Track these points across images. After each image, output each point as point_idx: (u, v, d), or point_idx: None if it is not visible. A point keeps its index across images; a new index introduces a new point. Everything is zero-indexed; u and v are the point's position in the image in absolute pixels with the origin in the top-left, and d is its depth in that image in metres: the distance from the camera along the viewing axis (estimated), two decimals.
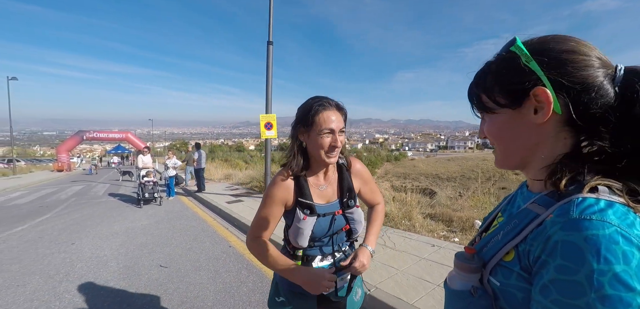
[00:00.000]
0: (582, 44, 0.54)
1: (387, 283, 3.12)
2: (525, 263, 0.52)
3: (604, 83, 0.51)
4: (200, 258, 4.25)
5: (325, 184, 1.28)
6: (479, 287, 0.59)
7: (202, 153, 10.31)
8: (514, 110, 0.57)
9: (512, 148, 0.61)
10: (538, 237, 0.50)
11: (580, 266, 0.42)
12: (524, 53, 0.54)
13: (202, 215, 7.09)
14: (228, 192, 9.45)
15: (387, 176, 25.95)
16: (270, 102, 8.24)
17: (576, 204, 0.47)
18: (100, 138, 34.62)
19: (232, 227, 5.89)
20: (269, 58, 8.04)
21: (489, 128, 0.63)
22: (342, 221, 1.27)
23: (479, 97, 0.63)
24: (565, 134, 0.55)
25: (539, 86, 0.53)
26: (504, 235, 0.59)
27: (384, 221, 5.41)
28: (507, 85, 0.57)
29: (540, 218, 0.52)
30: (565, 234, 0.45)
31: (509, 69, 0.56)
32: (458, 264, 0.63)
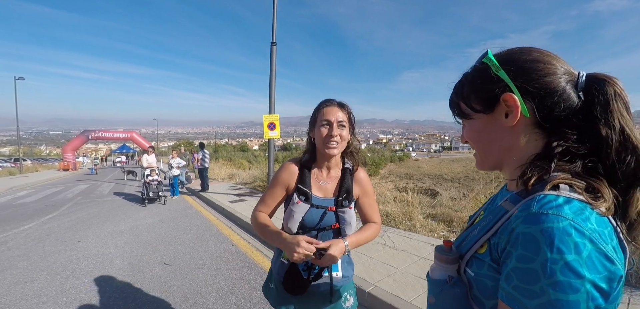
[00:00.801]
0: (546, 54, 0.60)
1: (386, 282, 3.17)
2: (495, 255, 0.57)
3: (566, 89, 0.57)
4: (203, 256, 4.32)
5: (327, 181, 1.35)
6: (454, 276, 0.65)
7: (206, 153, 10.40)
8: (487, 115, 0.64)
9: (489, 150, 0.67)
10: (505, 231, 0.55)
11: (536, 255, 0.47)
12: (494, 63, 0.60)
13: (206, 214, 7.18)
14: (231, 192, 9.53)
15: (391, 177, 25.90)
16: (274, 102, 8.31)
17: (537, 200, 0.52)
18: (106, 138, 35.01)
19: (235, 226, 5.96)
20: (272, 59, 8.11)
21: (468, 132, 0.70)
22: (332, 218, 1.32)
23: (458, 104, 0.70)
24: (535, 136, 0.61)
25: (507, 92, 0.59)
26: (480, 230, 0.64)
27: (384, 220, 5.48)
28: (480, 92, 0.64)
29: (508, 214, 0.58)
30: (525, 227, 0.50)
31: (482, 78, 0.63)
32: (437, 256, 0.69)
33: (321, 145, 1.29)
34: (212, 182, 11.81)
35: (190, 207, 8.09)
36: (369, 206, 1.45)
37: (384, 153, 63.36)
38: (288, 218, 1.31)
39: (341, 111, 1.30)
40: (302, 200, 1.30)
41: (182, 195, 10.17)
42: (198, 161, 10.51)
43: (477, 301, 0.60)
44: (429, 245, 4.24)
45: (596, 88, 0.56)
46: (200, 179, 10.26)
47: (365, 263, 3.66)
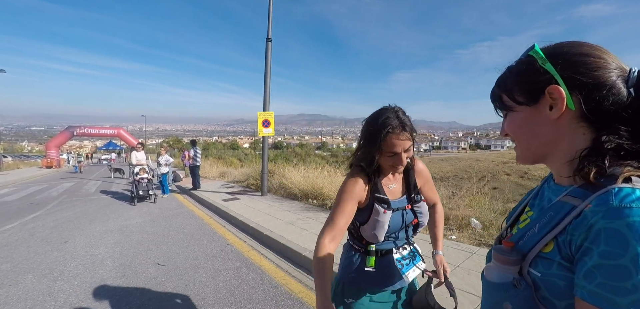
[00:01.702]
0: (596, 48, 0.59)
1: None
2: (566, 253, 0.54)
3: (616, 83, 0.56)
4: (198, 256, 4.20)
5: (394, 183, 1.36)
6: (519, 278, 0.61)
7: (197, 150, 10.21)
8: (531, 107, 0.63)
9: (531, 143, 0.66)
10: (579, 227, 0.52)
11: (625, 251, 0.45)
12: (541, 56, 0.60)
13: (198, 213, 7.03)
14: (224, 190, 9.38)
15: None
16: (269, 100, 8.19)
17: (614, 193, 0.50)
18: (91, 134, 34.13)
19: (229, 225, 5.84)
20: (267, 56, 7.99)
21: (509, 125, 0.68)
22: (410, 216, 1.33)
23: (500, 97, 0.69)
24: (583, 130, 0.59)
25: (553, 84, 0.58)
26: (540, 228, 0.61)
27: None
28: (525, 84, 0.63)
29: (578, 209, 0.54)
30: (607, 222, 0.48)
31: (528, 70, 0.62)
32: (498, 258, 0.65)
33: (388, 168, 1.29)
34: (204, 180, 11.62)
35: (182, 206, 7.92)
36: (430, 190, 1.49)
37: None
38: (375, 228, 1.27)
39: (406, 137, 1.21)
40: (386, 208, 1.28)
41: (173, 193, 9.96)
42: (189, 158, 10.31)
43: (546, 303, 0.57)
44: (423, 241, 4.22)
45: None
46: (192, 177, 10.06)
47: None
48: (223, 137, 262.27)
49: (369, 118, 1.27)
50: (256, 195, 8.43)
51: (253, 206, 6.86)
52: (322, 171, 8.46)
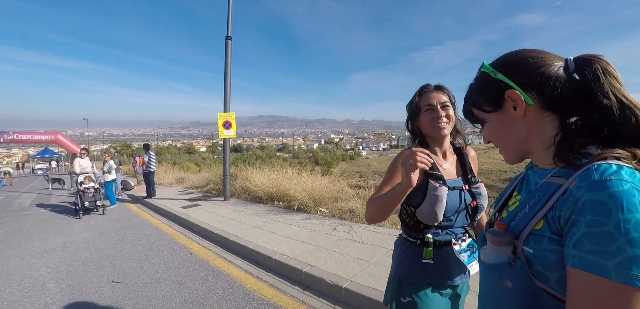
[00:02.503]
0: (533, 50, 0.69)
1: (361, 276, 3.14)
2: (556, 228, 0.60)
3: (558, 73, 0.65)
4: (159, 269, 3.90)
5: (448, 163, 1.32)
6: (517, 257, 0.65)
7: (151, 155, 9.55)
8: (498, 112, 0.72)
9: (509, 143, 0.74)
10: (566, 202, 0.58)
11: (609, 218, 0.50)
12: (491, 70, 0.71)
13: (155, 222, 6.56)
14: (182, 196, 8.87)
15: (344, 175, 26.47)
16: (229, 100, 7.91)
17: (594, 169, 0.56)
18: (23, 141, 30.23)
19: (191, 233, 5.51)
20: (227, 55, 7.71)
21: (488, 133, 0.77)
22: (469, 197, 1.27)
23: (471, 112, 0.79)
24: (549, 119, 0.68)
25: (509, 89, 0.68)
26: (530, 208, 0.67)
27: (349, 216, 5.49)
28: (487, 95, 0.73)
29: (563, 187, 0.61)
30: (591, 194, 0.53)
31: (485, 83, 0.73)
32: (492, 240, 0.69)
33: (430, 130, 1.28)
34: (159, 187, 10.91)
35: (136, 216, 7.34)
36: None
37: (335, 152, 64.50)
38: (433, 205, 1.18)
39: (441, 93, 1.30)
40: (441, 183, 1.21)
41: (124, 203, 9.21)
42: (143, 164, 9.60)
43: (539, 276, 0.62)
44: (394, 237, 4.33)
45: (586, 68, 0.64)
46: (146, 184, 9.38)
47: (337, 259, 3.60)
48: (178, 140, 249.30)
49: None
50: (218, 200, 8.09)
51: (216, 212, 6.56)
52: (286, 172, 8.35)
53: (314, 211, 6.11)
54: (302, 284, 3.30)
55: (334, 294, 3.00)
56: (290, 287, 3.27)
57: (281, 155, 48.63)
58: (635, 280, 0.48)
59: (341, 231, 4.75)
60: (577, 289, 0.54)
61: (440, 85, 1.33)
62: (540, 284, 0.62)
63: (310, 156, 49.49)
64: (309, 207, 6.25)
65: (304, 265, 3.47)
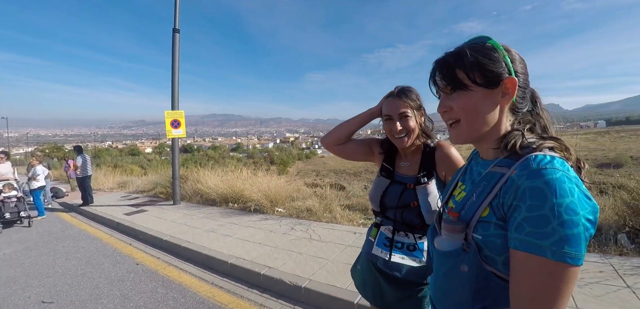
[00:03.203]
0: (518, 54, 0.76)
1: (319, 274, 3.15)
2: (500, 214, 0.65)
3: (529, 85, 0.76)
4: (99, 283, 3.54)
5: (407, 162, 1.37)
6: (469, 243, 0.69)
7: (86, 158, 8.63)
8: (488, 90, 0.71)
9: (479, 122, 0.73)
10: (509, 190, 0.63)
11: (544, 203, 0.56)
12: (501, 48, 0.71)
13: (94, 232, 5.95)
14: (126, 202, 8.17)
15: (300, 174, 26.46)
16: (178, 98, 7.47)
17: (532, 160, 0.62)
18: None
19: (136, 242, 5.09)
20: (175, 49, 7.26)
21: (463, 102, 0.73)
22: (411, 196, 1.28)
23: (454, 72, 0.73)
24: (509, 116, 0.74)
25: (511, 76, 0.70)
26: (477, 197, 0.71)
27: (306, 215, 5.49)
28: (486, 69, 0.70)
29: (506, 176, 0.66)
30: (530, 182, 0.59)
31: (490, 57, 0.70)
32: (447, 228, 0.72)
33: (391, 139, 1.35)
34: (97, 193, 9.94)
35: (70, 226, 6.60)
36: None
37: (291, 152, 64.27)
38: (371, 193, 1.39)
39: (401, 101, 1.30)
40: (384, 175, 1.37)
41: (56, 213, 8.23)
42: (76, 169, 8.65)
43: (489, 261, 0.67)
44: (352, 233, 4.42)
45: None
46: (81, 191, 8.46)
47: (296, 259, 3.58)
48: (119, 141, 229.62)
49: None
50: (167, 204, 7.59)
51: (165, 217, 6.15)
52: (242, 173, 8.10)
53: (270, 212, 6.01)
54: (260, 287, 3.22)
55: (293, 294, 2.97)
56: (247, 291, 3.17)
57: (235, 155, 47.25)
58: (566, 257, 0.54)
59: (299, 230, 4.73)
60: (518, 268, 0.59)
61: (406, 90, 1.33)
62: (489, 268, 0.67)
63: (265, 155, 48.78)
64: (265, 208, 6.13)
65: (262, 267, 3.39)
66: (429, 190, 1.26)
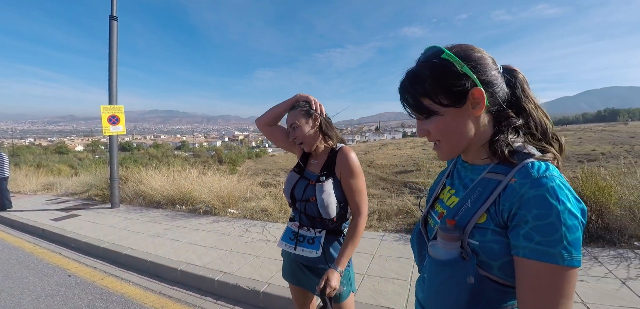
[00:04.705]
0: (482, 50, 0.72)
1: (278, 277, 3.08)
2: (499, 220, 0.65)
3: (499, 78, 0.72)
4: (22, 300, 3.06)
5: (316, 160, 1.53)
6: (467, 251, 0.68)
7: (3, 157, 7.49)
8: (457, 108, 0.70)
9: (459, 139, 0.73)
10: (510, 197, 0.63)
11: (550, 210, 0.57)
12: (457, 60, 0.67)
13: (13, 241, 5.15)
14: (53, 206, 7.24)
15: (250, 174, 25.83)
16: (116, 91, 6.82)
17: (531, 167, 0.63)
18: None
19: (67, 251, 4.52)
20: (112, 38, 6.61)
21: (438, 126, 0.72)
22: (310, 191, 1.43)
23: (420, 101, 0.72)
24: (489, 118, 0.73)
25: (477, 87, 0.67)
26: (473, 203, 0.70)
27: (261, 216, 5.35)
28: (449, 87, 0.68)
29: (503, 183, 0.66)
30: (534, 190, 0.60)
31: (448, 74, 0.68)
32: (444, 236, 0.70)
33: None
34: (17, 197, 8.68)
35: None
36: (348, 190, 1.43)
37: (241, 150, 62.47)
38: (285, 187, 1.56)
39: (293, 113, 1.49)
40: (295, 171, 1.55)
41: None
42: None
43: (484, 266, 0.67)
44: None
45: (512, 76, 0.74)
46: None
47: (252, 262, 3.47)
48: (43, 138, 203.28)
49: None
50: (104, 207, 6.88)
51: (102, 222, 5.56)
52: (190, 173, 7.65)
53: (222, 214, 5.76)
54: (214, 294, 3.05)
55: (251, 300, 2.87)
56: (201, 299, 2.99)
57: (180, 154, 44.67)
58: (575, 261, 0.57)
59: (254, 232, 4.60)
60: (528, 277, 0.60)
61: (299, 103, 1.51)
62: (483, 272, 0.67)
63: (213, 154, 46.77)
64: (217, 209, 5.86)
65: (216, 273, 3.22)
66: (324, 187, 1.41)
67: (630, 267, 2.85)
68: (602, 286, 2.57)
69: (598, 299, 2.41)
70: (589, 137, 22.14)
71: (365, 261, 3.33)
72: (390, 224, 4.64)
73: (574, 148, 17.61)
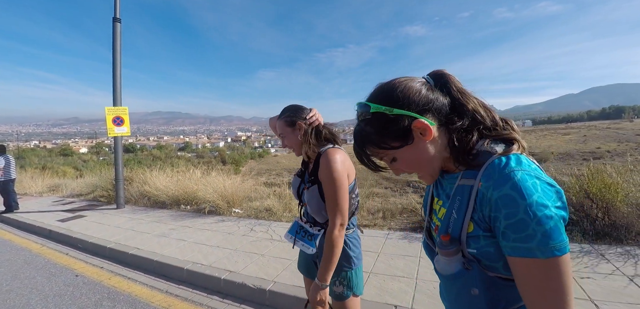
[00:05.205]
0: (405, 79, 0.74)
1: (284, 275, 3.09)
2: (485, 225, 0.66)
3: (431, 94, 0.73)
4: (31, 300, 3.10)
5: (311, 165, 1.54)
6: (470, 260, 0.69)
7: (10, 159, 7.56)
8: (409, 145, 0.72)
9: (426, 166, 0.76)
10: (482, 202, 0.66)
11: (518, 208, 0.58)
12: (384, 109, 0.71)
13: (21, 242, 5.21)
14: (59, 207, 7.30)
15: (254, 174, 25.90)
16: (120, 93, 6.87)
17: (492, 167, 0.65)
18: None
19: (74, 251, 4.56)
20: (116, 39, 6.65)
21: (402, 166, 0.77)
22: (305, 196, 1.53)
23: (377, 156, 0.77)
24: (442, 131, 0.74)
25: (416, 121, 0.70)
26: (457, 212, 0.72)
27: (266, 216, 5.37)
28: (393, 133, 0.72)
29: (474, 188, 0.68)
30: (498, 191, 0.62)
31: (385, 122, 0.72)
32: (445, 253, 0.71)
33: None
34: (23, 198, 8.77)
35: None
36: (325, 194, 1.39)
37: (243, 151, 62.63)
38: (292, 189, 1.68)
39: (279, 122, 1.55)
40: (297, 175, 1.64)
41: None
42: None
43: (490, 269, 0.68)
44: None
45: (443, 82, 0.75)
46: (3, 196, 7.37)
47: (258, 261, 3.48)
48: (47, 140, 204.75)
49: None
50: (110, 208, 6.93)
51: (108, 223, 5.60)
52: (194, 173, 7.69)
53: (227, 213, 5.78)
54: (221, 293, 3.07)
55: (257, 298, 2.88)
56: (207, 298, 3.01)
57: (183, 155, 44.86)
58: (554, 251, 0.57)
59: (259, 231, 4.61)
60: (518, 273, 0.61)
61: (283, 113, 1.55)
62: (493, 274, 0.68)
63: (216, 155, 46.91)
64: (221, 209, 5.88)
65: (222, 272, 3.24)
66: (311, 193, 1.46)
67: (638, 264, 2.83)
68: (610, 284, 2.56)
69: (606, 296, 2.39)
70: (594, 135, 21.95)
71: (370, 260, 3.33)
72: (395, 222, 4.64)
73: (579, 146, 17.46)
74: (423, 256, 3.35)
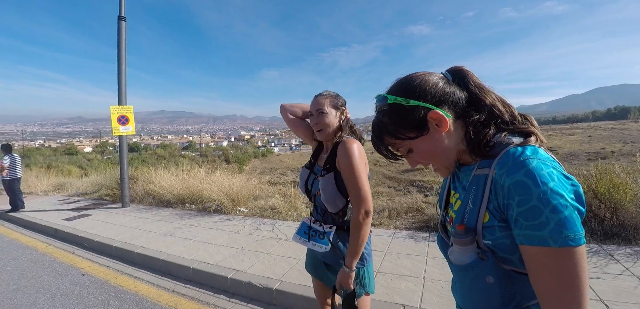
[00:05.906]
0: (423, 73, 0.77)
1: (291, 274, 3.09)
2: (500, 215, 0.66)
3: (449, 87, 0.74)
4: (37, 299, 3.12)
5: (326, 154, 1.54)
6: (485, 250, 0.69)
7: (15, 158, 7.61)
8: (424, 135, 0.74)
9: (442, 158, 0.77)
10: (497, 191, 0.65)
11: (531, 194, 0.57)
12: (401, 100, 0.73)
13: (27, 241, 5.25)
14: (65, 206, 7.35)
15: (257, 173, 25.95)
16: (125, 92, 6.89)
17: (507, 155, 0.65)
18: None
19: (80, 250, 4.58)
20: (121, 38, 6.68)
21: (418, 157, 0.78)
22: (316, 186, 1.48)
23: (395, 146, 0.79)
24: (459, 124, 0.75)
25: (431, 111, 0.71)
26: (473, 203, 0.72)
27: (271, 215, 5.37)
28: (408, 123, 0.74)
29: (489, 178, 0.68)
30: (511, 178, 0.61)
31: (402, 112, 0.74)
32: (459, 242, 0.71)
33: (315, 133, 1.53)
34: (29, 197, 8.83)
35: None
36: (347, 182, 1.37)
37: (247, 150, 62.80)
38: (299, 183, 1.63)
39: (321, 99, 1.49)
40: (306, 167, 1.61)
41: None
42: (3, 170, 7.58)
43: (505, 261, 0.68)
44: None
45: (461, 77, 0.77)
46: (10, 195, 7.42)
47: (264, 260, 3.48)
48: (52, 139, 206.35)
49: None
50: (115, 207, 6.96)
51: (113, 222, 5.63)
52: (199, 172, 7.71)
53: (232, 212, 5.79)
54: (227, 292, 3.07)
55: (264, 297, 2.88)
56: (214, 297, 3.01)
57: (187, 154, 45.09)
58: (568, 241, 0.55)
59: (264, 230, 4.61)
60: (530, 262, 0.60)
61: (327, 92, 1.53)
62: (508, 267, 0.67)
63: (220, 154, 47.06)
64: (226, 208, 5.89)
65: (228, 271, 3.24)
66: (326, 181, 1.43)
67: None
68: (619, 284, 2.53)
69: (616, 296, 2.37)
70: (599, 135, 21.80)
71: (377, 259, 3.32)
72: (400, 222, 4.63)
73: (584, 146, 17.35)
74: (430, 256, 3.33)
